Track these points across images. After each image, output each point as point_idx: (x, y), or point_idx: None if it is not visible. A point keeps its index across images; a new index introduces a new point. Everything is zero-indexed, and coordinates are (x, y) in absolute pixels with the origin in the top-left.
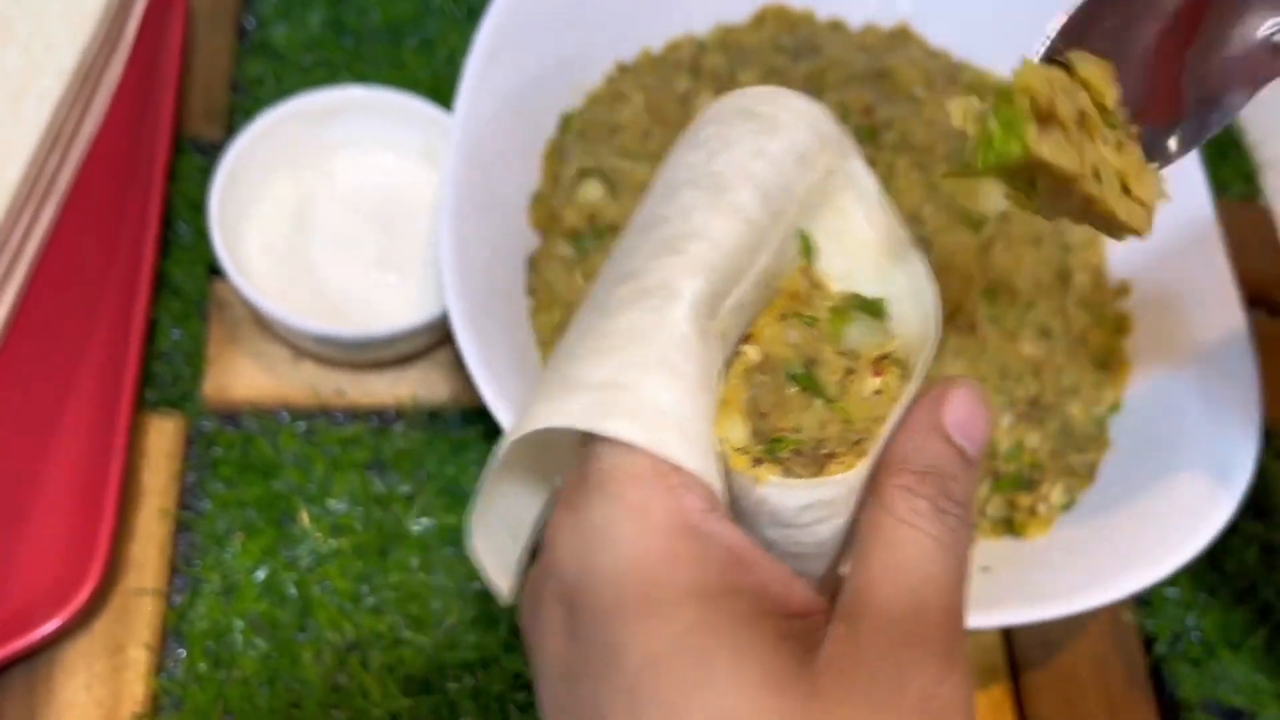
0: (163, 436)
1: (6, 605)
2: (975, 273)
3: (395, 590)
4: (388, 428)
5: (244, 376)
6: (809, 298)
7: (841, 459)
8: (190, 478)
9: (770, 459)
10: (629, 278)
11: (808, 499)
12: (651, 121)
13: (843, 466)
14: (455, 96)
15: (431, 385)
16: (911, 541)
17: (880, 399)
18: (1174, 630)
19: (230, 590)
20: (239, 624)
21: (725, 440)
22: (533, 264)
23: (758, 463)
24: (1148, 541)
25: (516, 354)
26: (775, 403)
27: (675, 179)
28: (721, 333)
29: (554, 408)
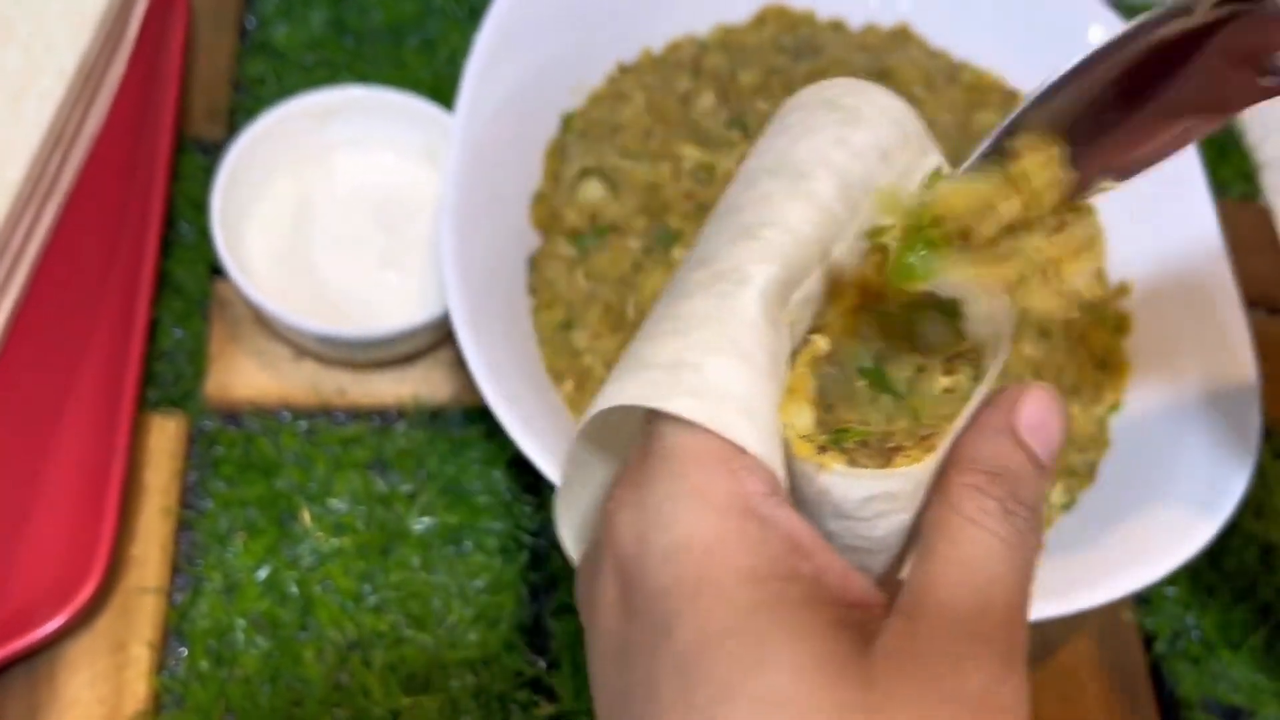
0: (164, 435)
1: (8, 604)
2: None
3: (397, 589)
4: (389, 427)
5: (245, 376)
6: (883, 292)
7: (908, 453)
8: (192, 477)
9: (835, 448)
10: (703, 263)
11: (872, 490)
12: (652, 121)
13: (909, 460)
14: (456, 96)
15: (433, 385)
16: (978, 541)
17: (950, 398)
18: (1174, 629)
19: (232, 589)
20: (241, 623)
21: (790, 426)
22: (534, 263)
23: (822, 450)
24: (1147, 540)
25: (518, 353)
26: (843, 395)
27: (755, 167)
28: (791, 322)
29: (620, 387)
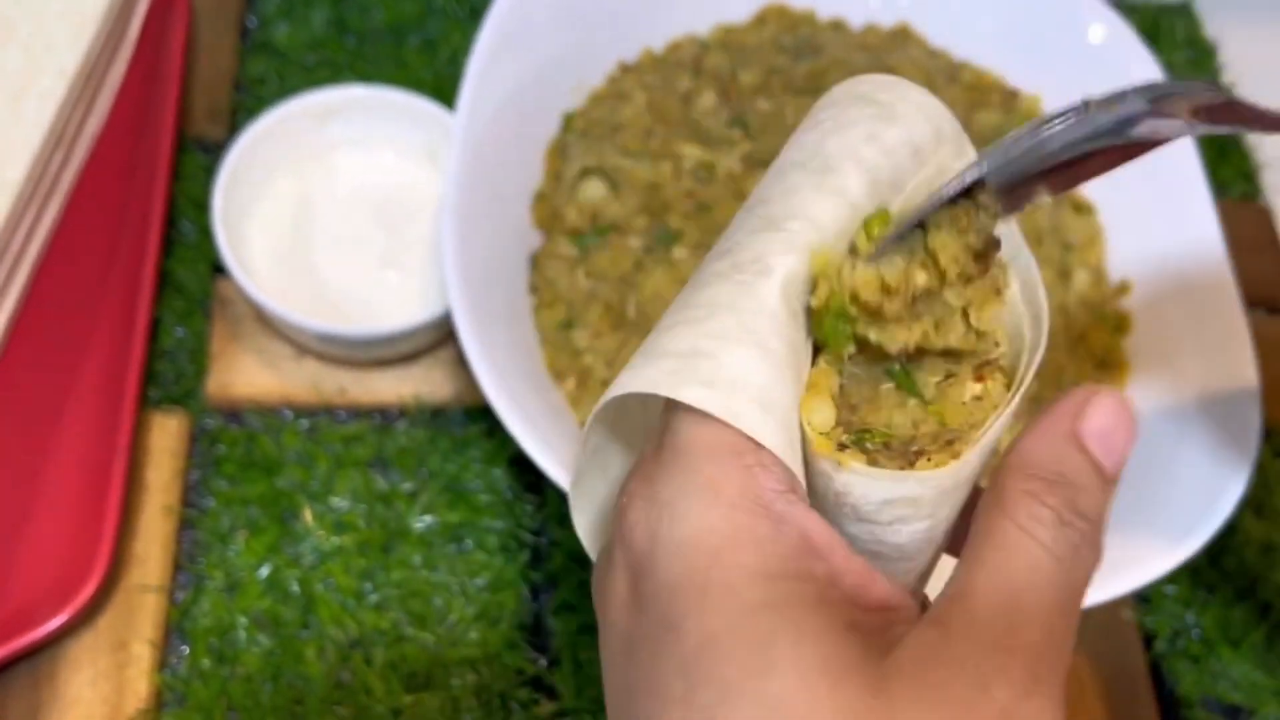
0: (166, 434)
1: (10, 602)
2: None
3: (398, 587)
4: (390, 425)
5: (247, 374)
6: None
7: (932, 457)
8: (194, 475)
9: (856, 448)
10: (726, 254)
11: (891, 493)
12: (653, 120)
13: (932, 465)
14: (458, 96)
15: (434, 383)
16: (1026, 551)
17: (980, 405)
18: (1174, 627)
19: (233, 587)
20: (242, 621)
21: (809, 422)
22: (535, 262)
23: (842, 448)
24: (1147, 539)
25: (519, 352)
26: (868, 397)
27: (786, 160)
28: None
29: (634, 375)
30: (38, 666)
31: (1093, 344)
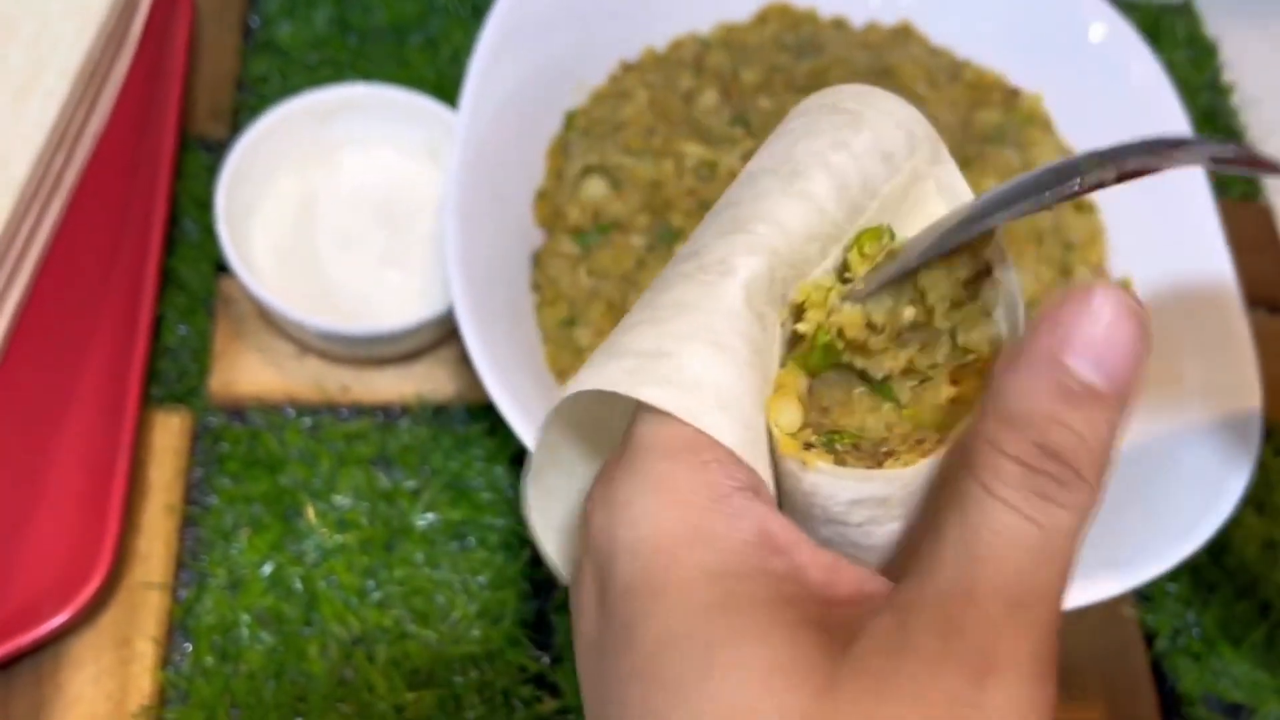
0: (169, 432)
1: (14, 600)
2: None
3: (401, 585)
4: (393, 423)
5: (250, 372)
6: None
7: (901, 457)
8: (196, 473)
9: (824, 448)
10: (692, 255)
11: (859, 493)
12: (655, 119)
13: (901, 464)
14: (460, 94)
15: (436, 381)
16: (989, 512)
17: (956, 407)
18: (1175, 625)
19: (236, 585)
20: (245, 618)
21: (776, 423)
22: (537, 260)
23: (808, 448)
24: (1148, 537)
25: (521, 350)
26: (840, 400)
27: (756, 167)
28: (784, 320)
29: (594, 373)
30: (41, 664)
31: None
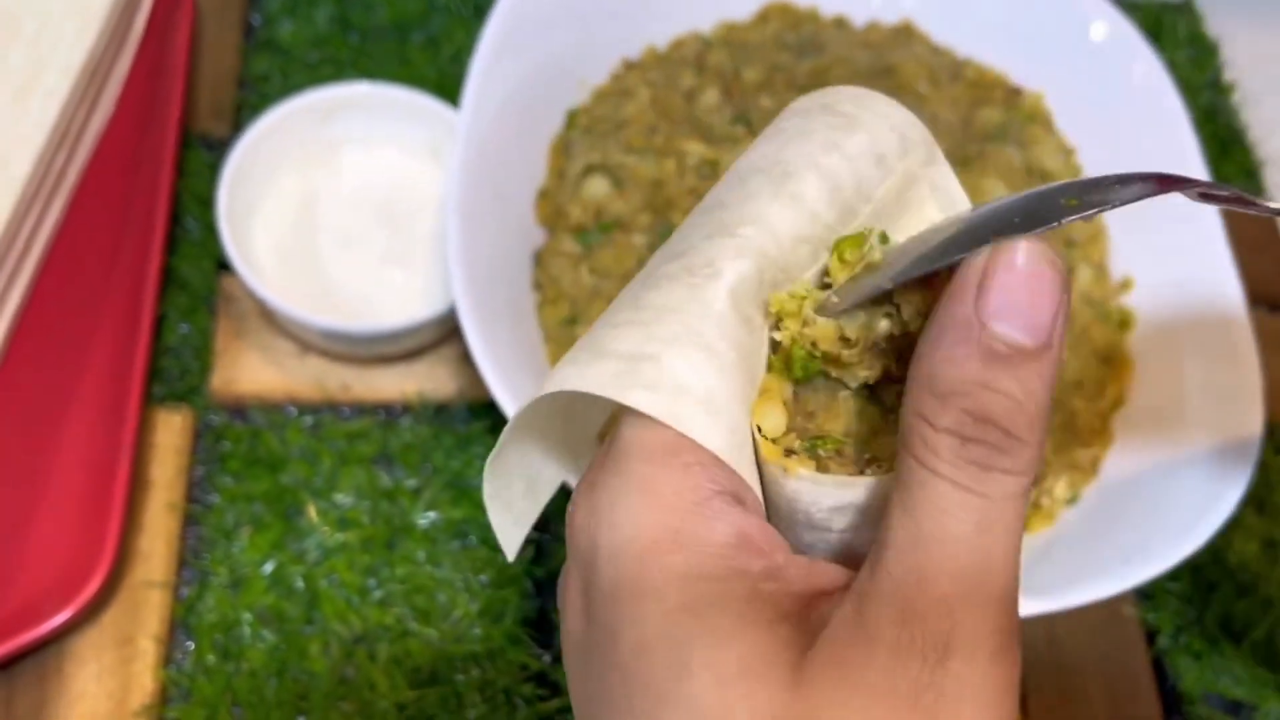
0: (171, 431)
1: (17, 598)
2: None
3: (402, 583)
4: (394, 422)
5: (251, 371)
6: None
7: (883, 464)
8: (198, 471)
9: (808, 455)
10: (678, 256)
11: (839, 500)
12: (657, 117)
13: (883, 471)
14: (461, 93)
15: (437, 380)
16: (929, 489)
17: None
18: (1176, 623)
19: (238, 583)
20: (247, 616)
21: (760, 429)
22: (539, 259)
23: (790, 454)
24: (1150, 535)
25: (523, 348)
26: (825, 404)
27: (745, 166)
28: (770, 327)
29: (578, 372)
30: (44, 662)
31: (1096, 339)
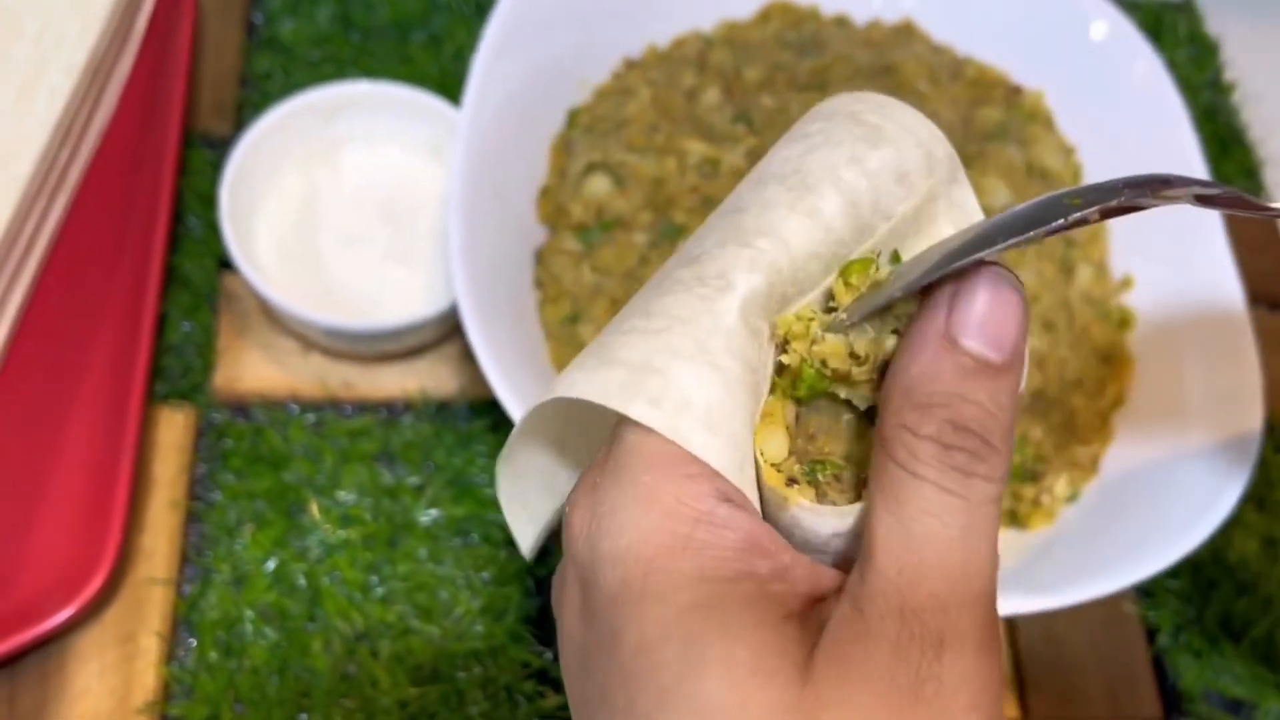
0: (173, 428)
1: (19, 595)
2: None
3: (404, 581)
4: (396, 420)
5: (253, 369)
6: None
7: None
8: (200, 469)
9: (806, 480)
10: (692, 261)
11: (837, 528)
12: (658, 116)
13: None
14: (462, 91)
15: (439, 378)
16: (913, 493)
17: None
18: (1176, 621)
19: (240, 580)
20: (249, 614)
21: (762, 453)
22: (540, 257)
23: (791, 482)
24: (1150, 533)
25: (524, 346)
26: (827, 426)
27: (767, 171)
28: (774, 345)
29: (586, 378)
30: (46, 659)
31: (1096, 338)
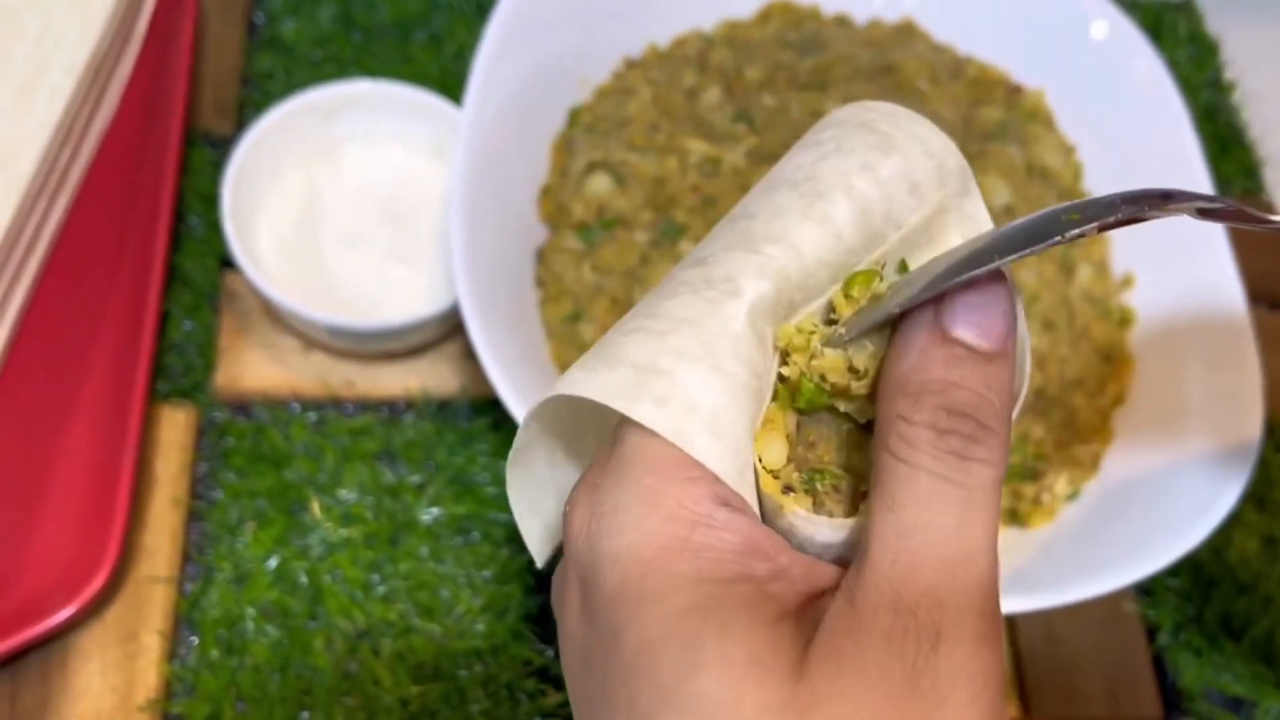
0: (175, 427)
1: (21, 593)
2: None
3: (405, 579)
4: (397, 418)
5: (255, 367)
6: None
7: None
8: (202, 467)
9: (803, 489)
10: (700, 263)
11: (832, 539)
12: (659, 115)
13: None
14: (464, 91)
15: (440, 377)
16: (909, 481)
17: None
18: (1176, 620)
19: (242, 579)
20: (251, 612)
21: (761, 459)
22: (541, 256)
23: (788, 490)
24: (1150, 531)
25: (525, 345)
26: (827, 435)
27: (779, 176)
28: (775, 352)
29: (590, 378)
30: (48, 657)
31: (1096, 337)
